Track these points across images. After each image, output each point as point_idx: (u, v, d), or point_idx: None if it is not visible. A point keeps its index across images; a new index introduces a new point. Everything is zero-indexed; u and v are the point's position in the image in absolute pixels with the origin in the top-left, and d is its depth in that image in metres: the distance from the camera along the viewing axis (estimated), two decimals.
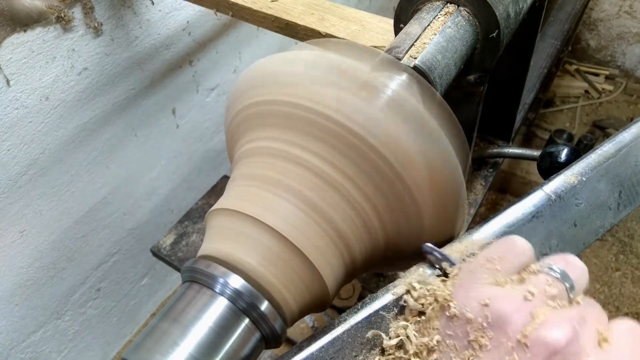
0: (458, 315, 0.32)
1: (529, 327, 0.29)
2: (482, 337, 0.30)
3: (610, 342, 0.30)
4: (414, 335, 0.33)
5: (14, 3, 0.77)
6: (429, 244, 0.39)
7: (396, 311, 0.36)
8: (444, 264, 0.37)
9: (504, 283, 0.33)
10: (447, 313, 0.32)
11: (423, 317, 0.34)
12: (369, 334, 0.35)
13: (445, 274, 0.36)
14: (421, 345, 0.32)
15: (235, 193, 0.44)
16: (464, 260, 0.37)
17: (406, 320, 0.35)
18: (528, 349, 0.29)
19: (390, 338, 0.35)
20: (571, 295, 0.33)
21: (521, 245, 0.35)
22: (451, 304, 0.32)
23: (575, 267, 0.34)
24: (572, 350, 0.28)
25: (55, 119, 0.94)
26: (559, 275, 0.33)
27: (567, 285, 0.33)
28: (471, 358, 0.30)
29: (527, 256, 0.35)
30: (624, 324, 0.32)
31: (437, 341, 0.32)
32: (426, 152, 0.41)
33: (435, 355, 0.32)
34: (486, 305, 0.31)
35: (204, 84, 1.30)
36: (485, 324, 0.30)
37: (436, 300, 0.34)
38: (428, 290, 0.35)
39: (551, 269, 0.33)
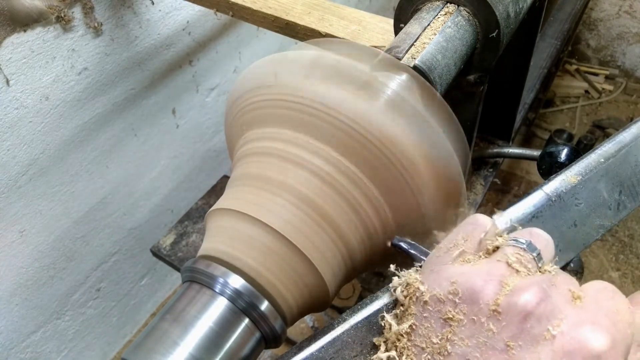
0: (429, 298, 0.32)
1: (500, 295, 0.29)
2: (456, 313, 0.30)
3: (584, 299, 0.30)
4: (394, 323, 0.33)
5: (13, 3, 0.77)
6: (397, 237, 0.40)
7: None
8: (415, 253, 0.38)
9: (471, 260, 0.33)
10: (419, 296, 0.32)
11: (402, 307, 0.34)
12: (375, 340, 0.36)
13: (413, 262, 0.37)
14: (400, 333, 0.32)
15: (235, 193, 0.44)
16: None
17: (391, 311, 0.35)
18: (501, 317, 0.29)
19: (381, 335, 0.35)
20: (539, 264, 0.33)
21: (484, 223, 0.35)
22: (420, 287, 0.33)
23: (540, 238, 0.34)
24: (545, 310, 0.28)
25: (55, 118, 0.94)
26: (525, 246, 0.33)
27: (534, 254, 0.33)
28: (449, 335, 0.30)
29: (491, 232, 0.35)
30: (595, 284, 0.32)
31: (414, 325, 0.32)
32: (426, 151, 0.41)
33: (414, 339, 0.32)
34: (455, 282, 0.31)
35: (204, 83, 1.30)
36: (457, 300, 0.30)
37: (408, 287, 0.34)
38: (403, 280, 0.35)
39: (517, 240, 0.34)
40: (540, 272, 0.32)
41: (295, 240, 0.40)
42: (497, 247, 0.34)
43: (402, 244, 0.39)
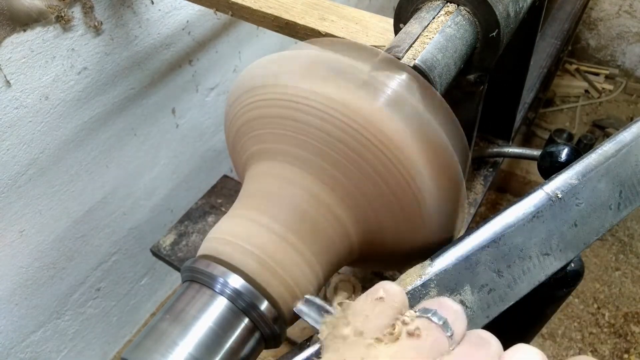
0: None
1: None
2: None
3: None
4: None
5: (13, 3, 0.77)
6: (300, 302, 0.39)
7: None
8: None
9: (376, 345, 0.31)
10: None
11: None
12: None
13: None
14: None
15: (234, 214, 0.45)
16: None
17: None
18: None
19: None
20: (449, 334, 0.31)
21: (390, 294, 0.33)
22: None
23: (448, 309, 0.33)
24: None
25: (55, 118, 0.94)
26: (437, 320, 0.31)
27: (441, 323, 0.31)
28: None
29: (398, 303, 0.33)
30: (516, 356, 0.30)
31: None
32: (426, 151, 0.41)
33: None
34: None
35: (204, 83, 1.30)
36: None
37: None
38: None
39: (425, 310, 0.32)
40: (451, 347, 0.31)
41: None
42: (405, 324, 0.32)
43: (303, 308, 0.38)
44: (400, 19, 0.53)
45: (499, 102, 0.81)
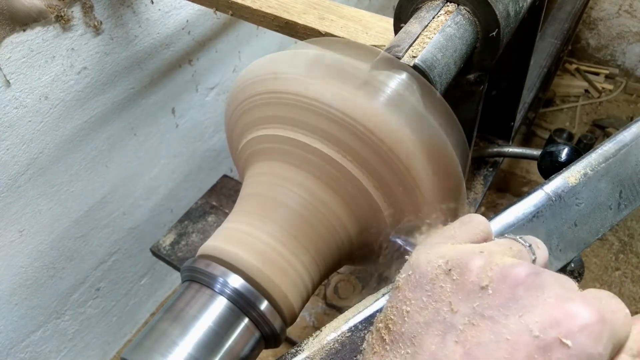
0: (418, 270, 0.31)
1: (490, 267, 0.30)
2: (444, 283, 0.30)
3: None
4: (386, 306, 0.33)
5: (13, 2, 0.77)
6: (393, 234, 0.41)
7: None
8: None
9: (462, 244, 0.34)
10: (410, 272, 0.32)
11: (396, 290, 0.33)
12: None
13: None
14: (389, 306, 0.32)
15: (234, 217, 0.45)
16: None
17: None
18: (490, 287, 0.29)
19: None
20: (532, 258, 0.33)
21: (479, 220, 0.36)
22: (410, 260, 0.33)
23: (533, 239, 0.35)
24: (534, 282, 0.29)
25: (55, 118, 0.94)
26: (521, 240, 0.34)
27: (527, 245, 0.33)
28: (436, 304, 0.30)
29: (485, 228, 0.36)
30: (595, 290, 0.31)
31: (404, 296, 0.31)
32: (426, 151, 0.41)
33: (401, 308, 0.31)
34: (445, 256, 0.31)
35: (204, 83, 1.30)
36: (446, 273, 0.30)
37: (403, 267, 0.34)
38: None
39: (512, 235, 0.35)
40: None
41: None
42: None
43: (398, 240, 0.40)
44: (400, 18, 0.53)
45: (499, 102, 0.81)
